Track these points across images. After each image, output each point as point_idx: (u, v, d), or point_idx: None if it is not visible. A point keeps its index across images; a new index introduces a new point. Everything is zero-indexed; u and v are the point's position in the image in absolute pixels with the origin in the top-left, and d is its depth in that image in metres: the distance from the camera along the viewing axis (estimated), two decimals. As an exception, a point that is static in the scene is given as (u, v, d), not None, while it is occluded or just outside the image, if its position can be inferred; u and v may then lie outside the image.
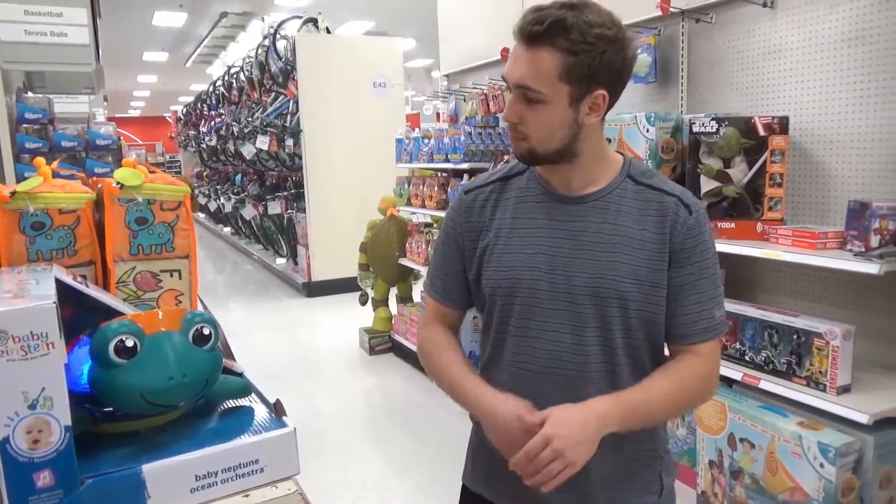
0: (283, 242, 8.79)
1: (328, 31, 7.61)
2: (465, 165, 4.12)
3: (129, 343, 0.60)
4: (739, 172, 2.40)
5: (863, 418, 1.96)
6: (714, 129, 2.39)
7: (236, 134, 8.78)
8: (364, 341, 5.24)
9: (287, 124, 7.30)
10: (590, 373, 1.15)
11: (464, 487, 1.38)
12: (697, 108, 2.88)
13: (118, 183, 0.78)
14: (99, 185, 0.82)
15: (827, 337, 2.09)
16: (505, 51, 3.88)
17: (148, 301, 0.81)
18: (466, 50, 4.62)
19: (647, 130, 2.61)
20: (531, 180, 1.25)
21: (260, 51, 8.02)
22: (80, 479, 0.55)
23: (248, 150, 8.16)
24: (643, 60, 3.02)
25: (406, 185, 5.06)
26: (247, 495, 0.61)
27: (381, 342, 5.18)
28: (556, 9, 1.07)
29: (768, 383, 2.24)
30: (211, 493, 0.60)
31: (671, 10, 2.80)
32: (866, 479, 2.03)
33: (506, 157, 3.89)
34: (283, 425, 0.65)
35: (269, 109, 7.87)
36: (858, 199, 2.06)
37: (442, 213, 4.57)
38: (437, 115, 6.54)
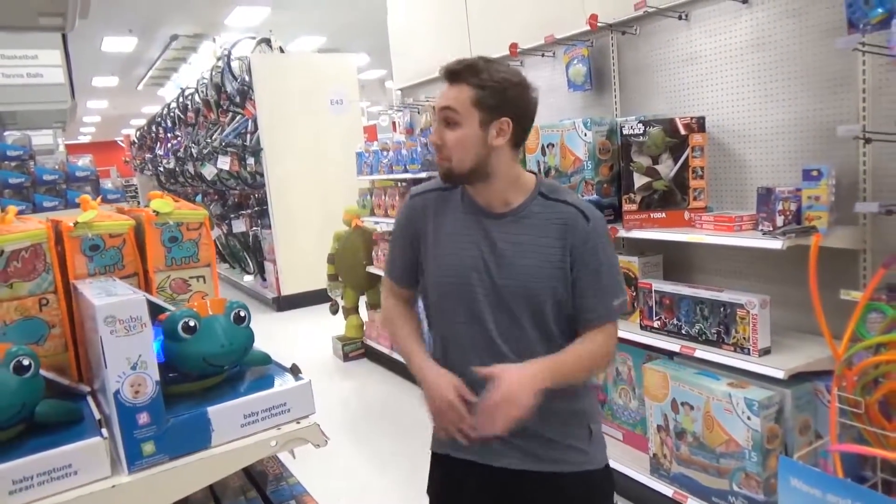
0: (249, 260, 8.91)
1: (281, 51, 7.79)
2: (423, 175, 4.37)
3: (192, 323, 0.83)
4: (666, 168, 2.71)
5: (780, 374, 2.26)
6: (641, 131, 2.69)
7: (195, 155, 8.88)
8: (338, 349, 5.44)
9: (247, 143, 7.45)
10: (507, 350, 1.45)
11: (432, 455, 1.64)
12: (630, 111, 3.19)
13: (154, 211, 1.01)
14: (140, 214, 1.04)
15: (747, 307, 2.39)
16: (453, 66, 4.15)
17: (181, 301, 1.03)
18: (418, 64, 4.88)
19: (585, 134, 2.91)
20: (464, 196, 1.53)
21: (215, 72, 8.15)
22: (167, 418, 0.78)
23: (209, 171, 8.28)
24: (578, 70, 3.32)
25: (369, 197, 5.29)
26: (279, 428, 0.85)
27: (354, 348, 5.39)
28: (472, 59, 1.42)
29: (702, 352, 2.53)
30: (255, 427, 0.84)
31: (599, 24, 3.11)
32: (787, 427, 2.34)
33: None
34: (301, 380, 0.89)
35: (228, 130, 8.01)
36: (765, 186, 2.38)
37: (404, 221, 4.81)
38: (394, 125, 6.78)
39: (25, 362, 0.77)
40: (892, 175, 2.19)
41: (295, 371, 0.91)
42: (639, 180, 2.73)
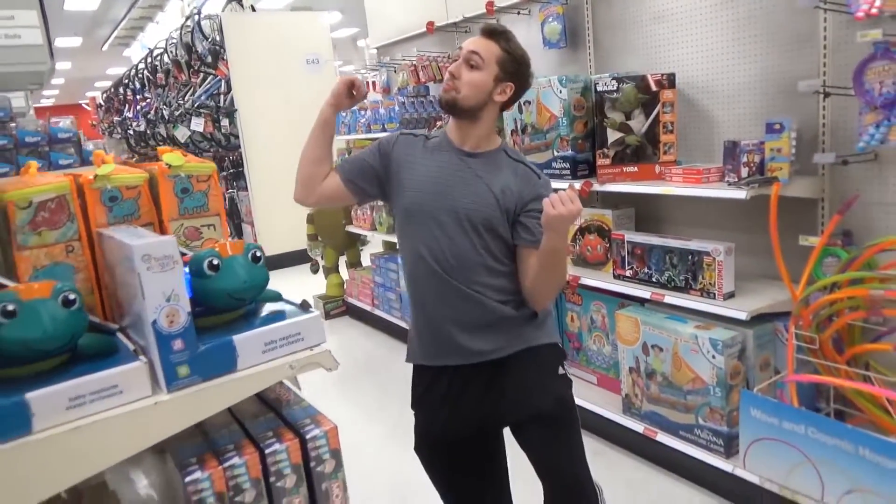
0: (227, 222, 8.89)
1: (253, 9, 7.67)
2: (401, 133, 4.43)
3: (215, 262, 0.93)
4: (638, 123, 2.82)
5: (743, 316, 2.43)
6: (615, 88, 2.79)
7: (167, 117, 8.76)
8: (319, 307, 5.54)
9: (221, 104, 7.38)
10: (465, 258, 1.72)
11: (413, 367, 1.90)
12: (604, 68, 3.28)
13: (167, 164, 1.09)
14: (153, 167, 1.12)
15: (713, 254, 2.54)
16: (430, 24, 4.17)
17: (194, 248, 1.12)
18: (394, 24, 4.89)
19: (561, 92, 3.00)
20: (443, 139, 1.82)
21: (184, 32, 8.00)
22: (198, 345, 0.88)
23: (181, 133, 8.19)
24: (554, 28, 3.39)
25: (346, 156, 5.32)
26: (295, 355, 0.95)
27: (335, 306, 5.50)
28: (506, 28, 1.78)
29: (671, 298, 2.69)
30: (275, 353, 0.94)
31: (574, -18, 3.17)
32: (749, 364, 2.52)
33: (438, 123, 4.22)
34: (312, 313, 0.99)
35: (200, 91, 7.91)
36: (731, 139, 2.50)
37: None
38: (368, 85, 6.76)
39: (71, 297, 0.85)
40: (849, 128, 2.32)
41: (305, 306, 1.02)
42: (612, 136, 2.83)
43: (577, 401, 1.95)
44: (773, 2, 2.53)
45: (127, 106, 12.45)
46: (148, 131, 10.58)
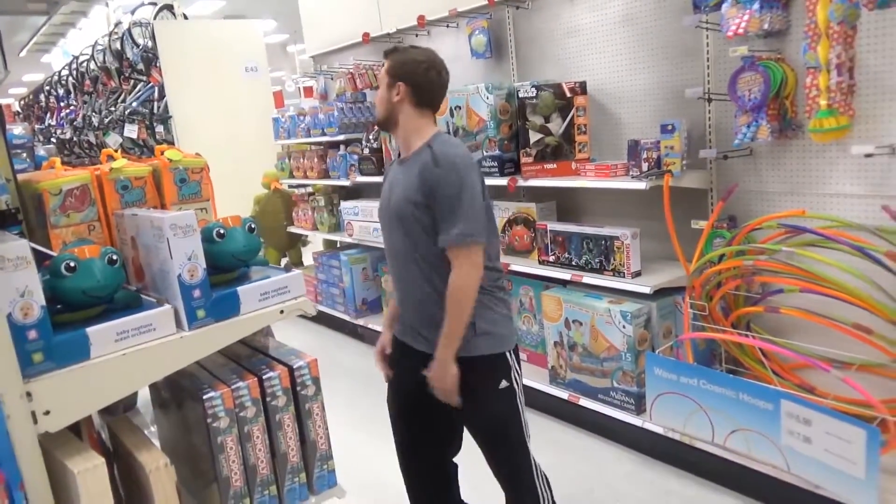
0: (161, 229, 8.85)
1: (185, 17, 7.74)
2: (341, 137, 4.69)
3: (221, 231, 1.19)
4: (556, 126, 3.19)
5: (647, 290, 2.82)
6: (534, 94, 3.15)
7: (97, 124, 8.68)
8: (262, 306, 5.71)
9: (154, 111, 7.42)
10: (405, 256, 1.95)
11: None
12: (526, 76, 3.64)
13: (169, 159, 1.34)
14: (155, 162, 1.37)
15: (622, 239, 2.93)
16: (366, 35, 4.45)
17: (190, 227, 1.37)
18: (330, 33, 5.13)
19: (487, 98, 3.34)
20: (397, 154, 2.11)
21: (113, 38, 7.98)
22: (211, 294, 1.14)
23: (113, 140, 8.14)
24: (480, 40, 3.74)
25: (287, 160, 5.53)
26: (284, 303, 1.23)
27: (278, 305, 5.68)
28: (397, 45, 2.08)
29: (589, 278, 3.07)
30: (268, 302, 1.21)
31: None
32: (654, 332, 2.92)
33: (375, 127, 4.50)
34: (294, 272, 1.27)
35: (131, 97, 7.90)
36: (634, 139, 2.90)
37: (323, 182, 5.12)
38: (306, 90, 6.95)
39: (114, 257, 1.09)
40: (730, 128, 2.75)
41: (288, 268, 1.29)
42: (533, 136, 3.20)
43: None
44: (665, 21, 2.94)
45: (49, 113, 12.13)
46: (74, 138, 10.38)
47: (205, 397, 1.17)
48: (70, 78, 10.20)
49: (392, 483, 2.40)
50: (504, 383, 1.95)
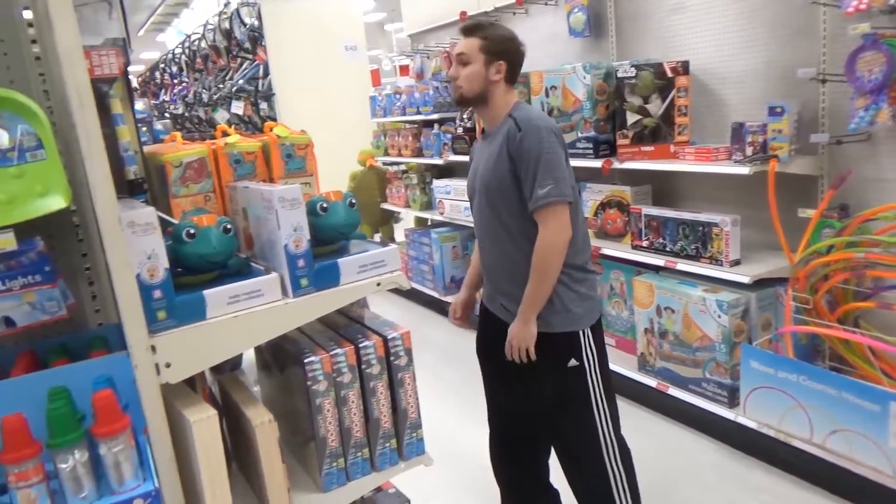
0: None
1: (289, -3, 7.98)
2: (435, 116, 4.74)
3: (325, 205, 1.26)
4: (655, 107, 3.09)
5: (746, 280, 2.71)
6: (634, 74, 3.06)
7: (206, 101, 9.15)
8: (354, 280, 5.90)
9: (259, 88, 7.74)
10: (493, 226, 2.00)
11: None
12: (625, 56, 3.54)
13: (277, 135, 1.42)
14: (265, 137, 1.46)
15: (721, 226, 2.82)
16: (463, 13, 4.46)
17: (295, 200, 1.45)
18: (428, 12, 5.18)
19: (585, 78, 3.28)
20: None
21: (222, 18, 8.36)
22: (314, 264, 1.21)
23: (221, 116, 8.56)
24: (579, 18, 3.66)
25: (382, 138, 5.65)
26: (381, 276, 1.28)
27: (369, 279, 5.85)
28: (479, 19, 2.04)
29: (683, 265, 2.98)
30: (366, 274, 1.27)
31: (599, -24, 3.44)
32: (752, 324, 2.81)
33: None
34: (391, 247, 1.32)
35: (238, 75, 8.27)
36: (738, 121, 2.77)
37: (416, 160, 5.21)
38: (401, 69, 7.05)
39: (229, 226, 1.18)
40: (846, 111, 2.58)
41: (384, 242, 1.34)
42: (631, 118, 3.12)
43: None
44: (779, -3, 2.78)
45: (164, 89, 12.89)
46: (185, 114, 11.00)
47: (306, 361, 1.24)
48: (183, 56, 10.78)
49: (476, 453, 2.45)
50: (573, 362, 1.96)
